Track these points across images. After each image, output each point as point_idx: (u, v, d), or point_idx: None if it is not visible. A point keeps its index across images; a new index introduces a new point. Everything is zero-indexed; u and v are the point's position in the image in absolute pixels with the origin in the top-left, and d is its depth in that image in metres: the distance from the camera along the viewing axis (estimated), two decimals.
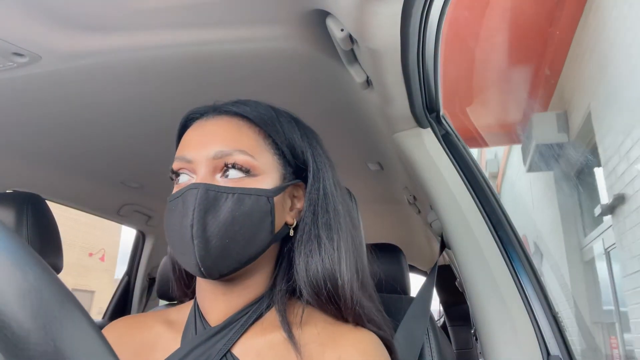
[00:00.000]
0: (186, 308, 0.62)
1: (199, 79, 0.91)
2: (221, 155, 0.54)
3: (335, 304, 0.56)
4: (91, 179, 1.49)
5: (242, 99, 0.64)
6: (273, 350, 0.54)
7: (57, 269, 0.96)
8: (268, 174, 0.56)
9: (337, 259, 0.57)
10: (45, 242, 0.94)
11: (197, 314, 0.58)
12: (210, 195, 0.52)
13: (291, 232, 0.59)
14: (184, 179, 0.57)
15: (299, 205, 0.61)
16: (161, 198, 1.74)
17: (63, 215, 1.95)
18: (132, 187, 1.61)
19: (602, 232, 3.68)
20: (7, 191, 1.36)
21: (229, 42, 0.76)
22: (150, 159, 1.35)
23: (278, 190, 0.56)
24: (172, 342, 0.57)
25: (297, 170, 0.61)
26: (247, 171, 0.54)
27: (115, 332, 0.60)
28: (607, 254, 3.62)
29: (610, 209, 3.24)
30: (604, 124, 3.28)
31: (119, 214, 1.77)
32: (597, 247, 3.82)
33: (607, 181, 3.33)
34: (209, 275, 0.53)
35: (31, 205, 0.93)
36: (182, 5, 0.67)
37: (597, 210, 3.51)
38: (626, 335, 3.36)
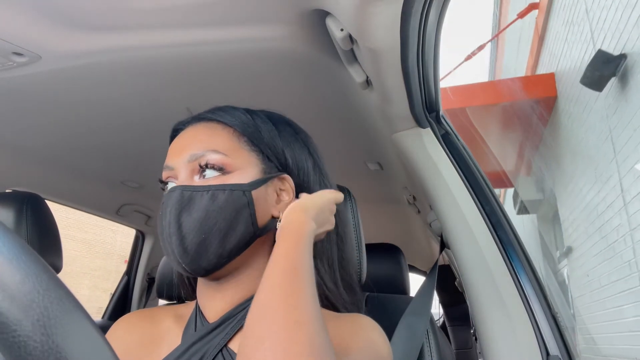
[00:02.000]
0: (193, 304, 0.64)
1: (199, 78, 0.91)
2: (195, 158, 0.58)
3: (320, 293, 0.59)
4: (90, 178, 1.49)
5: (250, 102, 0.68)
6: None
7: (57, 268, 0.96)
8: (244, 169, 0.59)
9: (323, 265, 0.61)
10: (44, 242, 0.94)
11: (197, 312, 0.60)
12: (186, 195, 0.56)
13: (278, 225, 0.60)
14: (170, 186, 0.60)
15: (287, 198, 0.62)
16: (160, 198, 1.74)
17: (99, 225, 2.00)
18: (132, 187, 1.61)
19: (564, 267, 5.47)
20: (7, 191, 1.35)
21: (228, 42, 0.76)
22: (150, 159, 1.35)
23: (256, 184, 0.58)
24: (177, 338, 0.59)
25: (282, 165, 0.63)
26: (220, 169, 0.57)
27: (126, 324, 0.63)
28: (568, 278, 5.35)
29: (565, 254, 5.01)
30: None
31: (118, 214, 1.77)
32: (564, 274, 5.60)
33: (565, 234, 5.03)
34: (192, 271, 0.55)
35: (30, 205, 0.93)
36: (182, 5, 0.67)
37: (558, 254, 5.30)
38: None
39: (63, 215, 10.89)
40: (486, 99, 4.53)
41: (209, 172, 0.57)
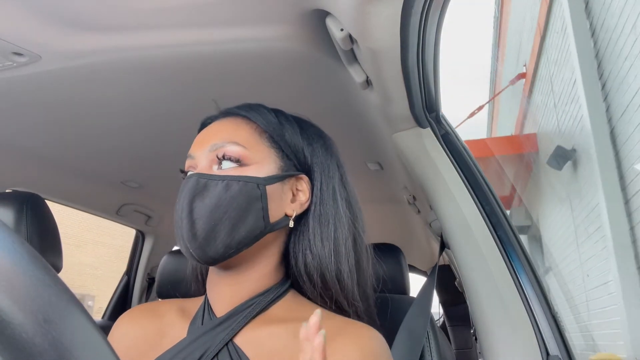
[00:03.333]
0: (201, 299, 0.64)
1: (199, 78, 0.91)
2: (215, 148, 0.59)
3: (329, 296, 0.60)
4: (90, 178, 1.49)
5: (249, 102, 0.69)
6: (274, 341, 0.55)
7: (57, 268, 0.96)
8: (261, 164, 0.59)
9: (328, 252, 0.60)
10: (44, 242, 0.94)
11: (206, 305, 0.61)
12: (201, 183, 0.56)
13: (291, 224, 0.61)
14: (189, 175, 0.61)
15: (302, 198, 0.63)
16: (161, 198, 1.74)
17: (128, 233, 2.04)
18: (132, 187, 1.61)
19: None
20: (7, 191, 1.35)
21: (228, 42, 0.76)
22: (150, 159, 1.35)
23: (272, 179, 0.59)
24: (182, 331, 0.59)
25: (301, 165, 0.64)
26: (237, 161, 0.58)
27: (129, 319, 0.64)
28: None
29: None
30: None
31: (118, 214, 1.77)
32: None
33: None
34: (199, 258, 0.56)
35: (30, 205, 0.93)
36: (182, 5, 0.67)
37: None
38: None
39: (95, 223, 11.05)
40: (482, 153, 5.38)
41: (226, 163, 0.58)
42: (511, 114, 7.61)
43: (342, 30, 0.66)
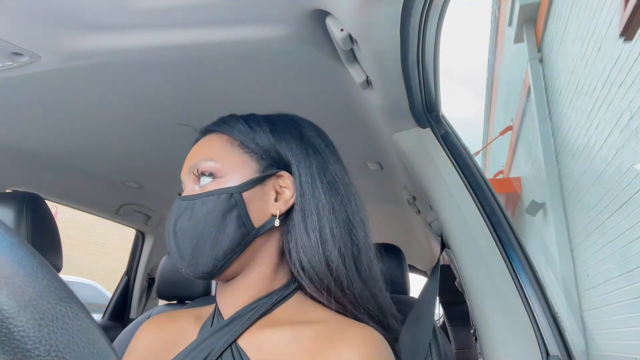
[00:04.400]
0: (214, 306, 0.67)
1: (199, 79, 0.91)
2: (192, 169, 0.62)
3: (326, 289, 0.59)
4: (90, 178, 1.49)
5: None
6: (276, 344, 0.56)
7: (57, 268, 0.96)
8: (235, 172, 0.61)
9: (315, 243, 0.60)
10: (44, 242, 0.94)
11: (216, 310, 0.63)
12: (182, 206, 0.60)
13: (276, 223, 0.61)
14: None
15: (287, 195, 0.63)
16: (160, 198, 1.74)
17: None
18: (132, 187, 1.61)
19: None
20: (6, 190, 1.35)
21: (228, 42, 0.76)
22: (149, 159, 1.35)
23: (247, 185, 0.60)
24: (194, 335, 0.62)
25: (279, 162, 0.64)
26: (211, 174, 0.60)
27: (151, 327, 0.67)
28: None
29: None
30: None
31: (118, 214, 1.77)
32: None
33: None
34: (195, 275, 0.59)
35: (30, 205, 0.93)
36: (181, 6, 0.67)
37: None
38: None
39: (117, 231, 11.19)
40: None
41: (203, 180, 0.61)
42: (502, 155, 8.77)
43: (342, 30, 0.66)
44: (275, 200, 0.62)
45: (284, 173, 0.63)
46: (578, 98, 4.16)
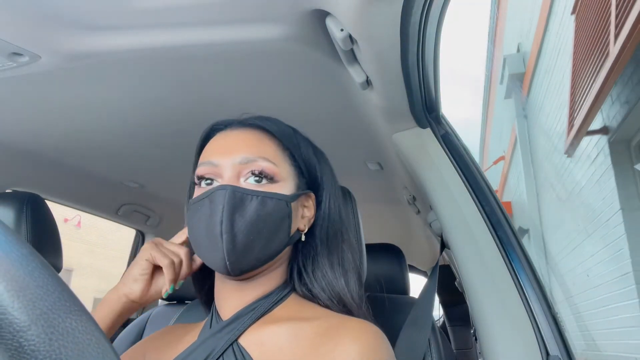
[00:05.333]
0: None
1: (198, 79, 0.91)
2: (247, 161, 0.59)
3: (344, 307, 0.63)
4: (90, 178, 1.49)
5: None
6: (277, 340, 0.57)
7: (57, 268, 0.96)
8: (286, 181, 0.62)
9: (336, 268, 0.64)
10: (44, 242, 0.94)
11: (214, 311, 0.64)
12: (237, 196, 0.57)
13: (303, 237, 0.64)
14: (208, 183, 0.61)
15: (308, 214, 0.66)
16: (160, 198, 1.74)
17: None
18: (132, 187, 1.61)
19: None
20: (7, 191, 1.35)
21: (228, 42, 0.76)
22: (149, 159, 1.35)
23: (294, 197, 0.62)
24: (194, 337, 0.63)
25: (309, 182, 0.67)
26: (270, 178, 0.60)
27: (161, 333, 0.69)
28: None
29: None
30: None
31: (118, 214, 1.77)
32: None
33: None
34: (232, 270, 0.57)
35: (30, 205, 0.93)
36: (181, 6, 0.67)
37: None
38: None
39: (131, 236, 11.57)
40: None
41: (256, 178, 0.59)
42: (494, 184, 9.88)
43: (342, 30, 0.66)
44: (301, 216, 0.65)
45: (312, 194, 0.67)
46: (553, 154, 4.81)
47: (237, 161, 0.59)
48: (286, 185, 0.61)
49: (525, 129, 6.18)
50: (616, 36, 2.44)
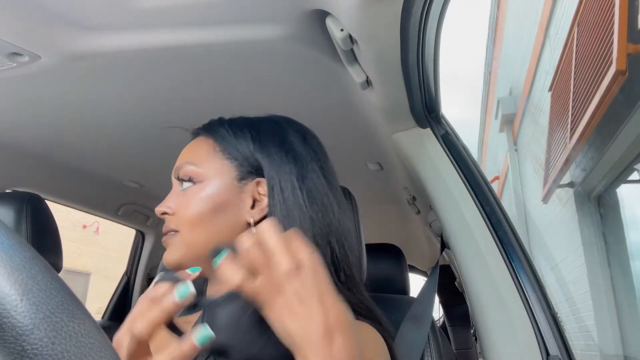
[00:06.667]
0: None
1: (198, 79, 0.90)
2: (178, 170, 0.65)
3: None
4: (90, 178, 1.49)
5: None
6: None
7: (57, 268, 0.96)
8: (214, 177, 0.62)
9: None
10: (44, 242, 0.94)
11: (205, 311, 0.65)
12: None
13: (253, 230, 0.59)
14: None
15: (264, 203, 0.61)
16: (160, 198, 1.73)
17: None
18: (132, 187, 1.61)
19: None
20: (7, 191, 1.35)
21: (228, 42, 0.76)
22: (149, 159, 1.35)
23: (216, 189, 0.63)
24: None
25: (257, 169, 0.63)
26: (190, 179, 0.63)
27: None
28: None
29: None
30: None
31: (118, 214, 1.77)
32: None
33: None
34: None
35: (30, 205, 0.93)
36: (181, 5, 0.67)
37: None
38: None
39: None
40: None
41: (185, 183, 0.63)
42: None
43: (342, 30, 0.66)
44: (252, 207, 0.61)
45: (262, 180, 0.62)
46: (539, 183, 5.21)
47: (175, 174, 0.66)
48: (214, 181, 0.62)
49: (516, 160, 6.63)
50: (572, 132, 3.27)
